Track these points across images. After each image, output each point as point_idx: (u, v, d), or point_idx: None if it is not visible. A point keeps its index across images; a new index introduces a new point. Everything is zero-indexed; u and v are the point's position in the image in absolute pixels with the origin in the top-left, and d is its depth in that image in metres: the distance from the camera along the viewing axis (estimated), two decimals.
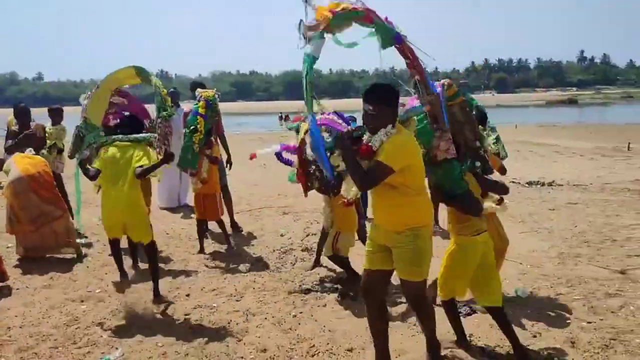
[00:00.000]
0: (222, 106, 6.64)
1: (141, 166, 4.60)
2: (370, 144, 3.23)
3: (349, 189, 4.47)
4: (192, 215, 7.42)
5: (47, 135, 7.23)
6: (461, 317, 4.05)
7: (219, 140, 6.97)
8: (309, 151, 4.38)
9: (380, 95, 3.24)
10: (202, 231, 6.55)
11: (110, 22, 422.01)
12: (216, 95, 5.92)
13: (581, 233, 6.89)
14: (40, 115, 7.90)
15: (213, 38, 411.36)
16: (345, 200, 4.64)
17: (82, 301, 4.94)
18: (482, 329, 4.12)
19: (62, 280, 5.54)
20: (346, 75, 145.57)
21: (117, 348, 3.95)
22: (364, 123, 3.34)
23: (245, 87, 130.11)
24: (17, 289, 5.32)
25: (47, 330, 4.29)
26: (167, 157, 4.60)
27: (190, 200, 8.39)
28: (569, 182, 10.83)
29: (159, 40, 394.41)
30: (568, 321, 4.26)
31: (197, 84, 6.91)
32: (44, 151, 7.08)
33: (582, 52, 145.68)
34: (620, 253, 6.00)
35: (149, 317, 4.49)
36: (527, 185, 10.55)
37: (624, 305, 4.55)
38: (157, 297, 4.82)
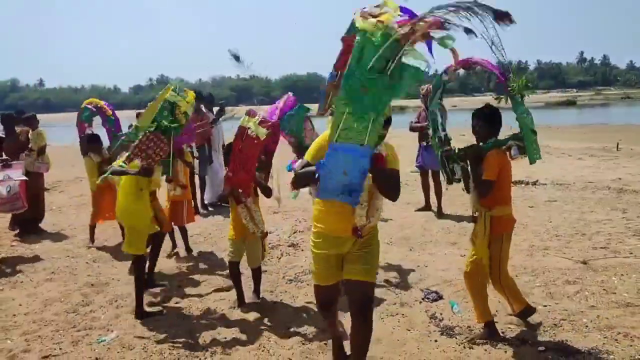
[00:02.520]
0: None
1: (120, 165, 4.58)
2: None
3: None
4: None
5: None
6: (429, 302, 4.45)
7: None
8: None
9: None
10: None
11: (111, 27, 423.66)
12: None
13: (554, 228, 7.27)
14: (43, 122, 8.39)
15: (213, 42, 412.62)
16: None
17: (82, 292, 5.34)
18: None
19: (63, 274, 5.95)
20: None
21: (112, 331, 4.36)
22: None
23: (245, 92, 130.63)
24: (21, 282, 5.73)
25: (49, 317, 4.70)
26: (141, 171, 4.50)
27: None
28: (552, 181, 11.20)
29: (159, 44, 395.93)
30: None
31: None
32: (24, 155, 7.75)
33: (582, 53, 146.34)
34: (587, 246, 6.38)
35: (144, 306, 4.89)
36: (512, 184, 10.91)
37: (579, 291, 4.94)
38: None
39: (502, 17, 2.56)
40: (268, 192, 4.87)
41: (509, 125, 4.55)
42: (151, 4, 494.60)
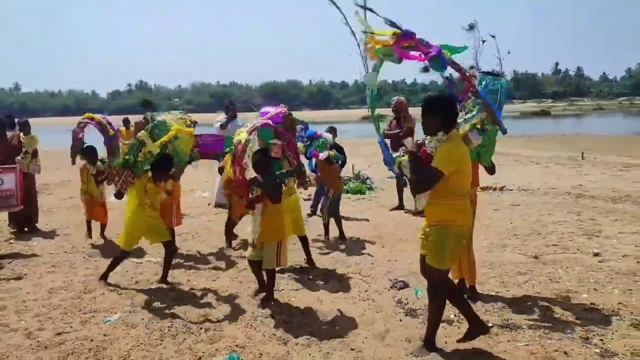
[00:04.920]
0: (203, 117, 7.68)
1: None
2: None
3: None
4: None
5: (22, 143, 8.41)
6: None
7: None
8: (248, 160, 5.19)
9: (425, 105, 3.97)
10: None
11: (88, 32, 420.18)
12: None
13: (514, 228, 7.99)
14: (35, 126, 8.87)
15: (193, 49, 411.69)
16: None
17: (83, 282, 5.86)
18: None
19: (63, 268, 6.45)
20: (325, 87, 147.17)
21: (115, 313, 4.90)
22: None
23: (225, 98, 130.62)
24: (25, 274, 6.22)
25: (56, 302, 5.23)
26: (115, 195, 5.62)
27: None
28: (519, 187, 11.97)
29: (138, 50, 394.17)
30: (480, 291, 5.29)
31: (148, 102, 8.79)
32: (19, 157, 8.21)
33: (557, 64, 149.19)
34: (541, 243, 7.10)
35: (141, 292, 5.46)
36: (480, 189, 11.63)
37: (528, 280, 5.63)
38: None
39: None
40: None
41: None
42: (131, 9, 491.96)
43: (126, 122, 14.79)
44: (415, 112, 7.59)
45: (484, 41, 4.78)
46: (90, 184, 7.75)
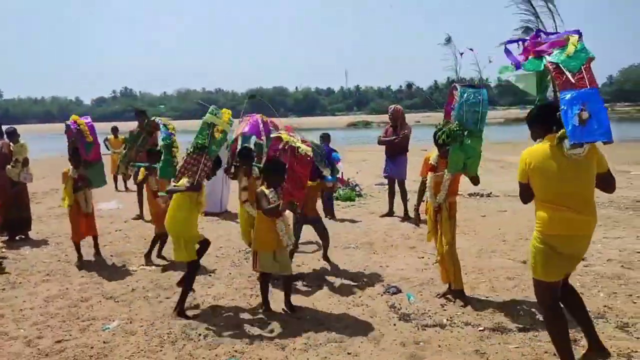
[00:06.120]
0: (190, 124, 7.74)
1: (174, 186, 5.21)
2: None
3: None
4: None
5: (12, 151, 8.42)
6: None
7: None
8: None
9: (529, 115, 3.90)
10: (157, 242, 7.12)
11: (72, 39, 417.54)
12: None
13: (502, 234, 8.17)
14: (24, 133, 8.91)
15: (178, 55, 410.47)
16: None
17: (78, 290, 5.91)
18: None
19: (57, 276, 6.49)
20: (312, 93, 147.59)
21: (114, 320, 4.96)
22: None
23: (212, 105, 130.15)
24: (20, 282, 6.25)
25: (54, 311, 5.28)
26: (190, 187, 4.99)
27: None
28: (505, 193, 12.18)
29: (122, 57, 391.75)
30: (471, 296, 5.43)
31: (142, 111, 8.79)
32: (9, 166, 8.22)
33: None
34: (528, 249, 7.23)
35: (138, 300, 5.52)
36: (467, 196, 11.84)
37: (517, 285, 5.78)
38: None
39: None
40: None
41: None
42: (116, 15, 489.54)
43: (115, 131, 14.80)
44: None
45: (461, 53, 4.97)
46: (67, 188, 7.02)
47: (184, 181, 4.99)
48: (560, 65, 3.54)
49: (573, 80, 3.45)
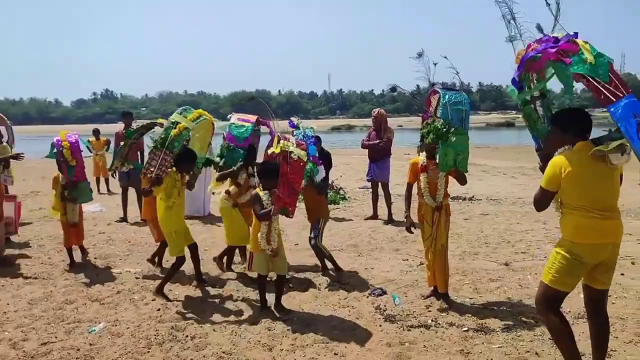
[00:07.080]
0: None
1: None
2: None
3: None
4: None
5: None
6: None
7: None
8: None
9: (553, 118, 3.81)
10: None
11: (52, 40, 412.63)
12: None
13: (484, 237, 8.29)
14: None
15: (160, 58, 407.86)
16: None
17: (63, 293, 5.87)
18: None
19: (41, 279, 6.43)
20: (294, 97, 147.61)
21: (99, 322, 4.95)
22: None
23: (194, 108, 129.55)
24: (2, 285, 6.19)
25: (38, 313, 5.24)
26: (152, 183, 5.50)
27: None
28: (487, 197, 12.38)
29: (104, 59, 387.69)
30: (455, 297, 5.52)
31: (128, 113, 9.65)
32: None
33: None
34: (510, 251, 7.40)
35: (124, 302, 5.51)
36: (450, 199, 11.93)
37: (500, 286, 5.89)
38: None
39: None
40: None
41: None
42: (95, 16, 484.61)
43: (96, 133, 14.76)
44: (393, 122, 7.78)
45: (435, 64, 5.05)
46: (57, 196, 6.97)
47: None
48: (590, 78, 3.46)
49: (613, 98, 3.35)
